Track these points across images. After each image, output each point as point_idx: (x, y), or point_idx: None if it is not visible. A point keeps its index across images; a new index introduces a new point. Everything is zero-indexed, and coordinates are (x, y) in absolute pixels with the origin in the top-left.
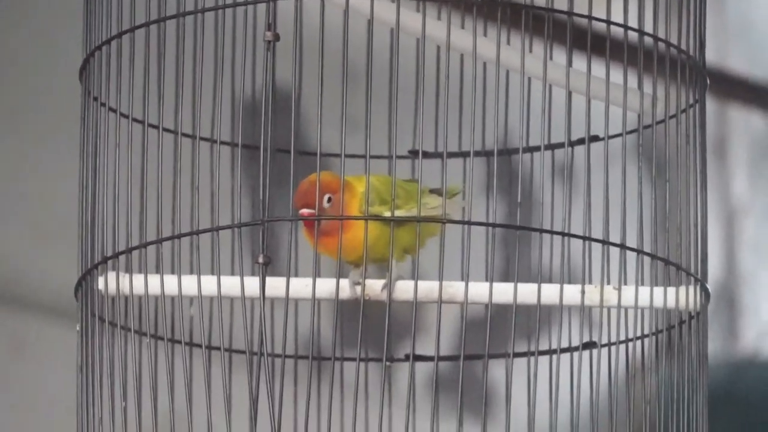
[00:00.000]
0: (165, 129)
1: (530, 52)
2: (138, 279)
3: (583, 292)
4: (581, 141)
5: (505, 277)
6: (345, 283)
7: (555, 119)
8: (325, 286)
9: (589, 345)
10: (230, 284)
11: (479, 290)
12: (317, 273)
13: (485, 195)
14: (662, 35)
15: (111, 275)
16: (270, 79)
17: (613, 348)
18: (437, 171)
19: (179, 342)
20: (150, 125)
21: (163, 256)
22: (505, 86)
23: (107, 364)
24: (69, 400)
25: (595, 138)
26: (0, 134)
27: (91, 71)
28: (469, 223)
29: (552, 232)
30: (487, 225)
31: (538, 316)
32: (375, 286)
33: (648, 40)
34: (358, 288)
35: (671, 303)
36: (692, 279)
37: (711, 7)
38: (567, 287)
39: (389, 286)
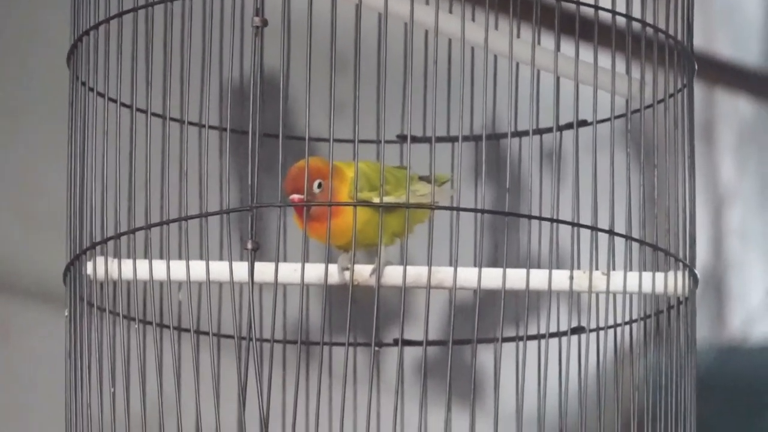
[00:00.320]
0: (153, 114)
1: (518, 37)
2: (126, 264)
3: (572, 278)
4: (569, 126)
5: (494, 263)
6: (334, 269)
7: (543, 104)
8: (314, 272)
9: (578, 330)
10: (219, 269)
11: (468, 275)
12: (306, 258)
13: (473, 180)
14: (650, 20)
15: (100, 260)
16: (258, 65)
17: (602, 333)
18: (425, 156)
19: (168, 327)
20: (138, 110)
21: (152, 242)
22: (494, 71)
23: (96, 349)
24: (56, 385)
25: (584, 123)
26: None
27: (80, 56)
28: (458, 209)
29: (540, 218)
30: (476, 211)
31: (527, 302)
32: (364, 272)
33: (636, 25)
34: (347, 273)
35: (659, 288)
36: (680, 264)
37: None
38: (555, 272)
39: (378, 272)
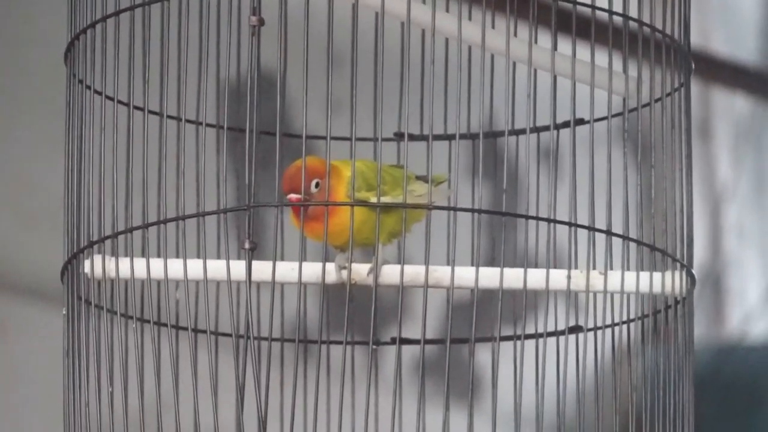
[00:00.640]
0: (150, 111)
1: (515, 36)
2: (124, 263)
3: (569, 277)
4: (566, 124)
5: (491, 262)
6: (331, 267)
7: (540, 102)
8: (312, 270)
9: (575, 329)
10: (216, 268)
11: (465, 275)
12: (303, 257)
13: (470, 179)
14: (647, 19)
15: (97, 259)
16: (255, 63)
17: (599, 333)
18: (422, 154)
19: (165, 325)
20: (135, 108)
21: (149, 240)
22: (491, 69)
23: (94, 348)
24: (53, 384)
25: (581, 121)
26: None
27: (77, 54)
28: (455, 209)
29: (538, 219)
30: (473, 211)
31: (525, 301)
32: (361, 271)
33: (633, 24)
34: (345, 272)
35: (657, 288)
36: (678, 264)
37: None
38: (553, 272)
39: (375, 271)
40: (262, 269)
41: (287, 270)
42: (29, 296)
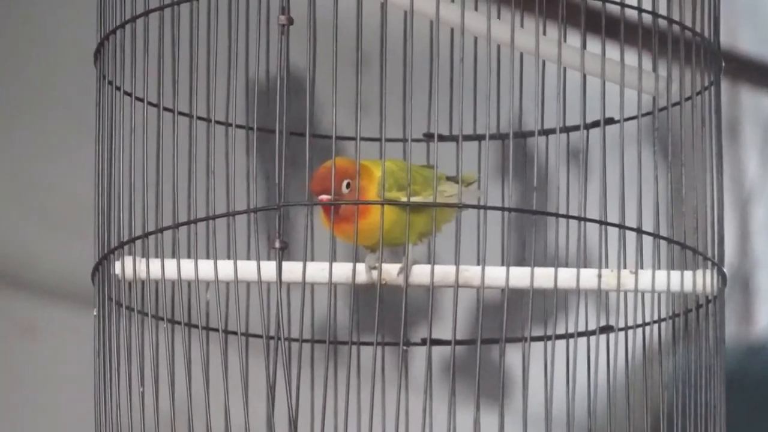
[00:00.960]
0: (180, 112)
1: (544, 35)
2: (154, 264)
3: (600, 276)
4: (596, 123)
5: (521, 261)
6: (361, 268)
7: (570, 102)
8: (342, 271)
9: (606, 329)
10: (247, 268)
11: (495, 274)
12: (333, 257)
13: (500, 179)
14: (677, 17)
15: (128, 260)
16: (284, 63)
17: (630, 332)
18: (452, 154)
19: (196, 326)
20: (165, 109)
21: (180, 241)
22: (520, 69)
23: (124, 349)
24: (82, 385)
25: (611, 120)
26: (15, 119)
27: (106, 55)
28: (485, 208)
29: (568, 217)
30: (503, 210)
31: (555, 301)
32: (391, 271)
33: (662, 23)
34: (375, 272)
35: (688, 287)
36: (709, 263)
37: None
38: (583, 271)
39: (406, 271)
40: (293, 270)
41: (317, 270)
42: (57, 298)
